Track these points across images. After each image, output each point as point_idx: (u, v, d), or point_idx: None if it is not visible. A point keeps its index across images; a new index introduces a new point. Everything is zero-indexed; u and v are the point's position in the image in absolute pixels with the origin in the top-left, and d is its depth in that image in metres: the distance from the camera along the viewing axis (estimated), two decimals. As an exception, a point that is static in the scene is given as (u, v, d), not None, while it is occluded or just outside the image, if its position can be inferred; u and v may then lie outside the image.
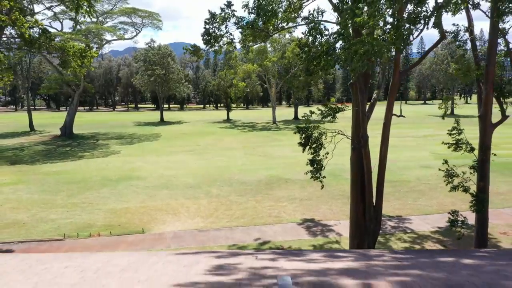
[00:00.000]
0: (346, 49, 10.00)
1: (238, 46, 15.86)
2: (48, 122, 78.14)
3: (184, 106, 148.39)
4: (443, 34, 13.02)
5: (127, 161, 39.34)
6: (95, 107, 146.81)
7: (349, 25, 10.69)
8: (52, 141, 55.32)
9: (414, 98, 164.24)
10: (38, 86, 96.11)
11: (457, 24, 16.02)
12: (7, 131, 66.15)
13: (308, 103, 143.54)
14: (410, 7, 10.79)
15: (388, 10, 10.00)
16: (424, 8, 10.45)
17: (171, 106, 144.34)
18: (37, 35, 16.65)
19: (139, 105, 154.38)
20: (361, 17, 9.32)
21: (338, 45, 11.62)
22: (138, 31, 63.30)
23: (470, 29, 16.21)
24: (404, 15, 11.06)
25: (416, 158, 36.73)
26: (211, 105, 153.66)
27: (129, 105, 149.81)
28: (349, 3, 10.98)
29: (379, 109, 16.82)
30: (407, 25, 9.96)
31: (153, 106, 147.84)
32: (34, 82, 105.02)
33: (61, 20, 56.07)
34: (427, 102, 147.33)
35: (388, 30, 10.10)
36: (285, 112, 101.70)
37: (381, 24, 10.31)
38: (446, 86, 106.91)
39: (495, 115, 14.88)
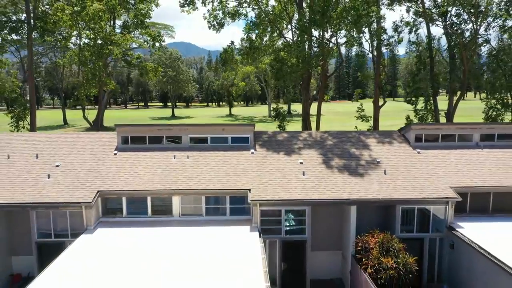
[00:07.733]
0: (285, 68, 22.43)
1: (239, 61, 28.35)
2: (74, 117, 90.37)
3: (189, 104, 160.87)
4: (342, 59, 25.46)
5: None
6: (108, 106, 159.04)
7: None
8: (87, 132, 67.61)
9: (403, 95, 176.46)
10: (56, 86, 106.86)
11: (364, 50, 28.49)
12: (45, 125, 78.47)
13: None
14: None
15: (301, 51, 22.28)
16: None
17: (177, 104, 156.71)
18: (137, 62, 29.18)
19: (148, 104, 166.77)
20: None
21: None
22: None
23: (372, 51, 28.61)
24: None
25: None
26: (214, 103, 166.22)
27: (139, 104, 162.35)
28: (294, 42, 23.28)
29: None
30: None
31: (160, 104, 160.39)
32: (54, 83, 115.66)
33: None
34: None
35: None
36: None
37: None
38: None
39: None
